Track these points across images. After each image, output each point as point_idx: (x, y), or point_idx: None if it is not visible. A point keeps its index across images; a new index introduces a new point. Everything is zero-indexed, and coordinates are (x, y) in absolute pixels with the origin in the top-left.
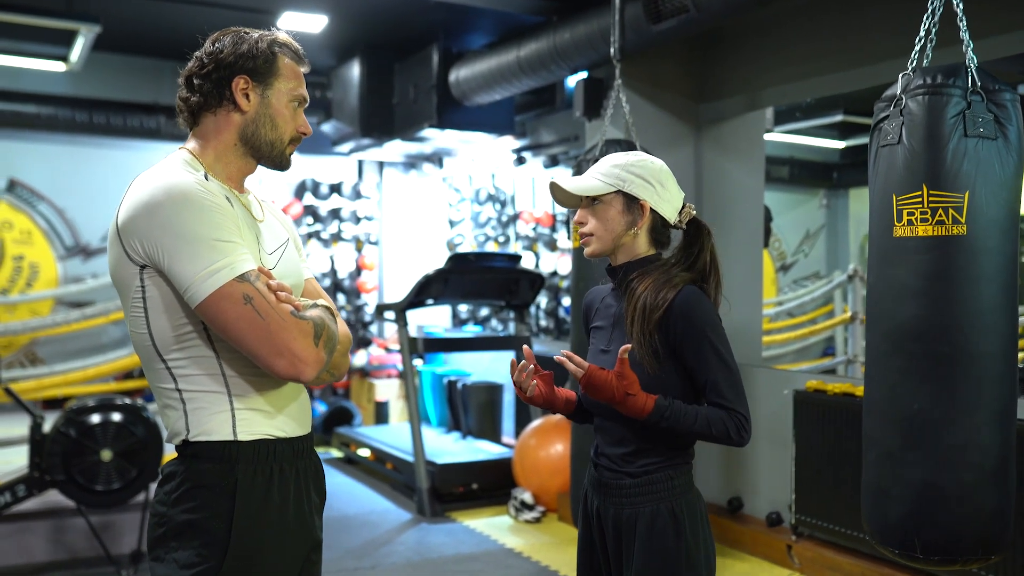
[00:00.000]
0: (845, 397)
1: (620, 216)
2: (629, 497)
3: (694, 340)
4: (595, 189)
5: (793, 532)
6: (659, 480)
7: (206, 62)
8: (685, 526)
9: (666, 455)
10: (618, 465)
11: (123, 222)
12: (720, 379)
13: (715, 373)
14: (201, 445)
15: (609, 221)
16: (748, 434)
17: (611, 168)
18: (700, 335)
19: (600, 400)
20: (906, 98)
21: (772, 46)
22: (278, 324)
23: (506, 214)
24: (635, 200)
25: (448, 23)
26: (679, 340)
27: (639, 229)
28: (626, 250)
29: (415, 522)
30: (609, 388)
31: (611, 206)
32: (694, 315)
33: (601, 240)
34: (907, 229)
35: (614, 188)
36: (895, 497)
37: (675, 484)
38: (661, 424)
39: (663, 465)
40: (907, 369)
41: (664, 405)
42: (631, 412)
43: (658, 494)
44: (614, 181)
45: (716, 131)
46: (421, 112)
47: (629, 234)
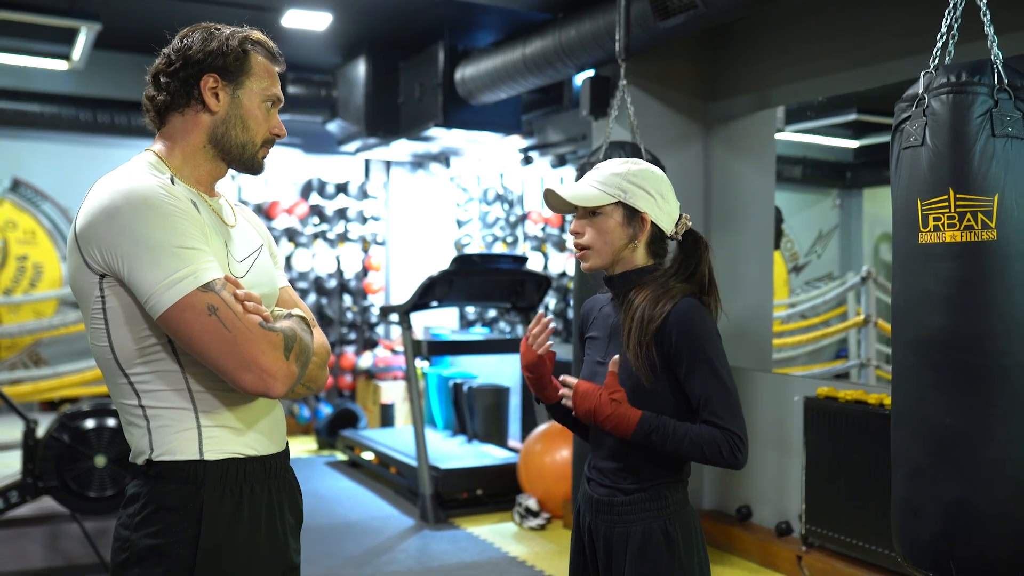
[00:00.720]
0: (857, 404)
1: (620, 228)
2: (621, 515)
3: (689, 354)
4: (594, 199)
5: (803, 542)
6: (652, 498)
7: (174, 59)
8: (679, 546)
9: (660, 471)
10: (611, 481)
11: (81, 228)
12: (715, 396)
13: (710, 389)
14: (165, 465)
15: (608, 234)
16: (744, 456)
17: (611, 176)
18: (696, 349)
19: (584, 411)
20: (929, 97)
21: (783, 43)
22: (245, 336)
23: (515, 214)
24: (636, 212)
25: (454, 21)
26: (674, 353)
27: (639, 242)
28: (624, 262)
29: (418, 529)
30: (593, 397)
31: (611, 217)
32: (691, 328)
33: (600, 254)
34: (933, 235)
35: (615, 199)
36: (927, 516)
37: (669, 502)
38: (649, 441)
39: (657, 482)
40: (936, 382)
41: (651, 421)
42: (616, 426)
43: (651, 512)
44: (614, 191)
45: (726, 130)
46: (427, 111)
47: (629, 247)
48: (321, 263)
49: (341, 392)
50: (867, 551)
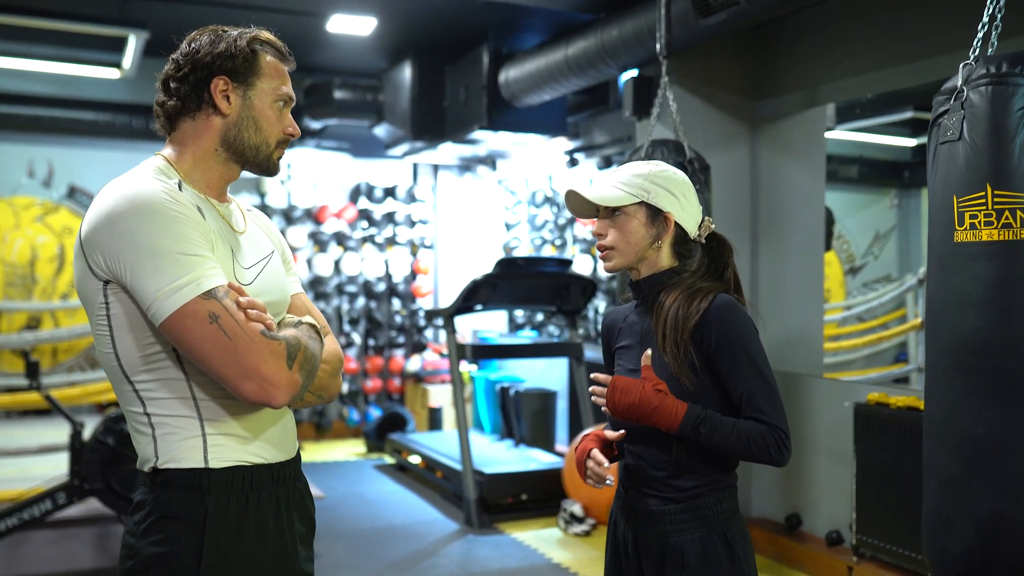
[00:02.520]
0: (908, 411)
1: (644, 228)
2: (675, 524)
3: (729, 350)
4: (617, 199)
5: (854, 553)
6: (707, 504)
7: (182, 64)
8: (739, 552)
9: (711, 477)
10: (659, 490)
11: (85, 234)
12: (757, 392)
13: (752, 385)
14: (171, 473)
15: (632, 233)
16: (788, 452)
17: (633, 177)
18: (736, 344)
19: (627, 406)
20: (968, 90)
21: (831, 40)
22: (246, 345)
23: (563, 217)
24: (659, 212)
25: (498, 23)
26: (714, 350)
27: (662, 242)
28: (649, 264)
29: (462, 533)
30: (636, 388)
31: (633, 217)
32: (729, 323)
33: (623, 254)
34: (969, 234)
35: (637, 199)
36: (958, 528)
37: (724, 508)
38: (697, 434)
39: (710, 488)
40: (969, 387)
41: (698, 412)
42: (663, 418)
43: (707, 519)
44: (637, 191)
45: (773, 129)
46: (471, 114)
47: (653, 247)
48: (370, 267)
49: (390, 395)
50: (920, 563)
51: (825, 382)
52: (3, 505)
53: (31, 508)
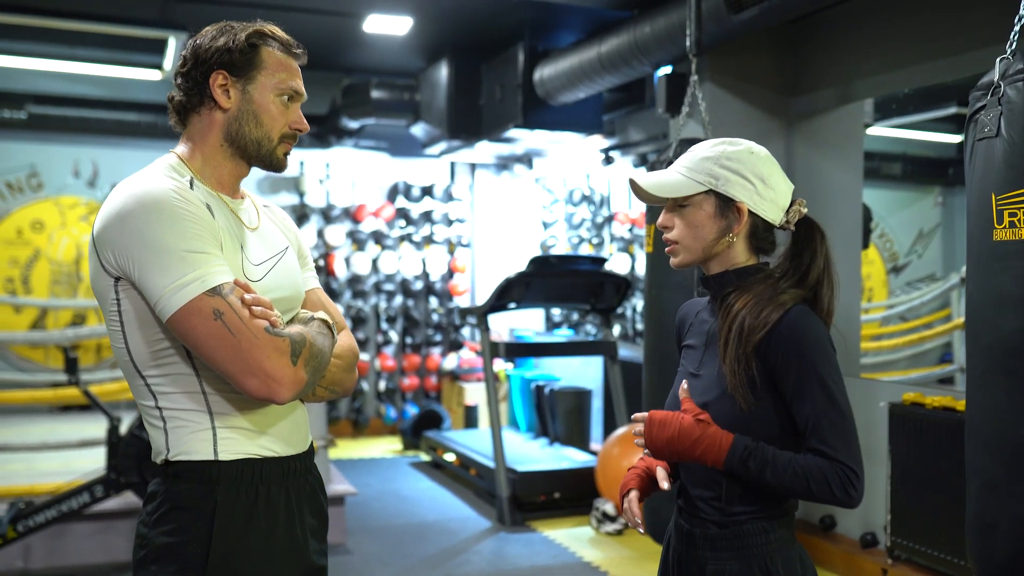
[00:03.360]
0: (945, 412)
1: (712, 221)
2: (715, 551)
3: (799, 371)
4: (681, 188)
5: (889, 555)
6: (751, 532)
7: (187, 58)
8: None
9: (762, 502)
10: (703, 512)
11: (97, 232)
12: (825, 421)
13: (819, 413)
14: (181, 465)
15: (699, 227)
16: (859, 493)
17: (700, 161)
18: (807, 365)
19: (664, 441)
20: (1005, 85)
21: (867, 34)
22: (250, 341)
23: (601, 215)
24: (731, 201)
25: (534, 21)
26: (780, 369)
27: (735, 236)
28: (721, 259)
29: (494, 531)
30: (676, 420)
31: (701, 208)
32: (802, 341)
33: (689, 250)
34: (1009, 232)
35: (704, 187)
36: (1003, 532)
37: (771, 538)
38: (746, 469)
39: (757, 515)
40: (1011, 389)
41: (746, 444)
42: (706, 450)
43: (749, 549)
44: (704, 178)
45: (809, 126)
46: (507, 112)
47: (723, 241)
48: (407, 265)
49: (427, 393)
50: (955, 566)
51: (861, 382)
52: (43, 497)
53: (69, 501)
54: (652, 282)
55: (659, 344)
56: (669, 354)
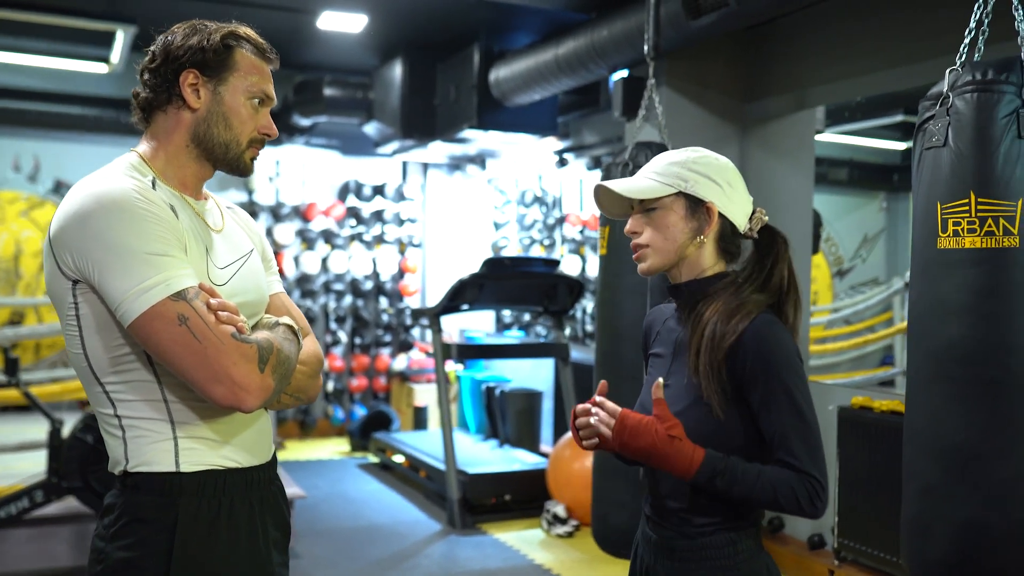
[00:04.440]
0: (893, 416)
1: (683, 222)
2: (682, 562)
3: (765, 381)
4: (651, 191)
5: (835, 557)
6: (718, 544)
7: (157, 55)
8: None
9: (728, 513)
10: (670, 522)
11: (54, 233)
12: (792, 433)
13: (786, 424)
14: (141, 476)
15: (669, 229)
16: (823, 504)
17: (668, 166)
18: (773, 376)
19: (637, 450)
20: (953, 96)
21: (822, 42)
22: (216, 347)
23: (552, 217)
24: (700, 203)
25: (490, 22)
26: (747, 379)
27: (705, 238)
28: (690, 265)
29: (444, 534)
30: (649, 433)
31: (671, 211)
32: (768, 350)
33: (661, 252)
34: (952, 240)
35: (674, 189)
36: (937, 535)
37: (739, 549)
38: (712, 486)
39: (724, 526)
40: (952, 395)
41: (716, 462)
42: (675, 465)
43: (716, 561)
44: (673, 181)
45: (763, 131)
46: (461, 113)
47: (694, 244)
48: (357, 265)
49: (375, 394)
50: (900, 567)
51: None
52: None
53: (8, 506)
54: (605, 284)
55: (610, 347)
56: (620, 357)
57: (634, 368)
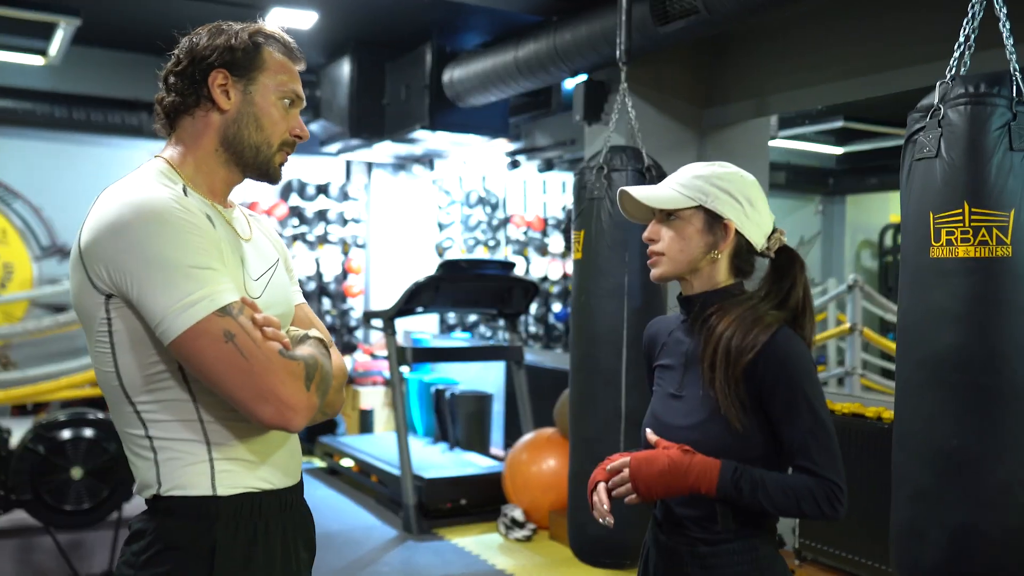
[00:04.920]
0: (853, 418)
1: (699, 235)
2: (705, 568)
3: (787, 392)
4: (673, 202)
5: (796, 556)
6: (740, 550)
7: (182, 58)
8: None
9: (747, 519)
10: (691, 530)
11: (86, 244)
12: (812, 441)
13: (807, 433)
14: (175, 500)
15: (686, 240)
16: (843, 507)
17: (692, 179)
18: (795, 387)
19: (656, 476)
20: (945, 108)
21: (781, 51)
22: (263, 366)
23: (497, 218)
24: (718, 219)
25: (442, 22)
26: (769, 391)
27: (720, 253)
28: (703, 277)
29: (401, 539)
30: (661, 456)
31: (689, 223)
32: (790, 363)
33: (674, 262)
34: (945, 250)
35: (695, 202)
36: (931, 540)
37: (760, 555)
38: (738, 491)
39: (743, 533)
40: (945, 401)
41: (734, 465)
42: (700, 478)
43: (739, 567)
44: (695, 194)
45: (720, 137)
46: (413, 113)
47: (708, 258)
48: (300, 265)
49: None
50: (861, 565)
51: None
52: None
53: None
54: (581, 288)
55: (587, 351)
56: (597, 361)
57: (610, 372)
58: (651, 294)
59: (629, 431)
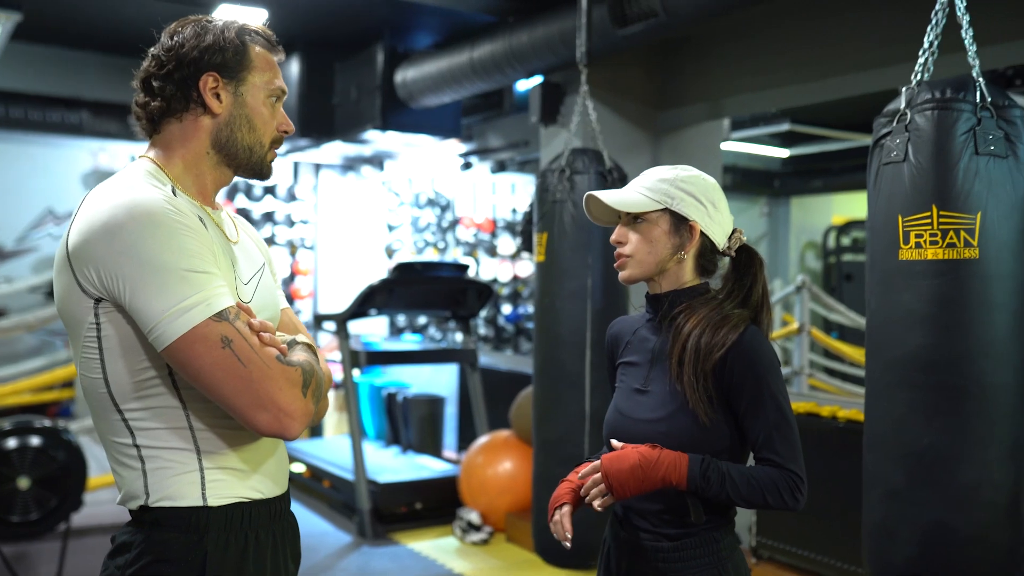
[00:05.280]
0: (808, 417)
1: (666, 237)
2: (669, 562)
3: (754, 388)
4: (640, 205)
5: (753, 555)
6: (704, 542)
7: (165, 60)
8: None
9: (711, 512)
10: (653, 524)
11: (75, 246)
12: (776, 434)
13: (772, 427)
14: (164, 511)
15: (654, 242)
16: (803, 497)
17: (657, 183)
18: (761, 383)
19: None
20: (912, 113)
21: (735, 55)
22: (262, 372)
23: (446, 219)
24: (684, 220)
25: (393, 21)
26: (737, 387)
27: (686, 254)
28: (670, 277)
29: (356, 545)
30: (629, 452)
31: (656, 225)
32: (757, 360)
33: (642, 264)
34: (915, 252)
35: (661, 205)
36: (903, 538)
37: (722, 546)
38: (707, 481)
39: (707, 525)
40: (914, 402)
41: (702, 458)
42: (670, 470)
43: (704, 559)
44: (661, 197)
45: (675, 139)
46: (364, 113)
47: (675, 258)
48: None
49: None
50: (817, 563)
51: None
52: None
53: None
54: (544, 291)
55: (551, 353)
56: (561, 363)
57: (574, 375)
58: (614, 296)
59: (593, 433)
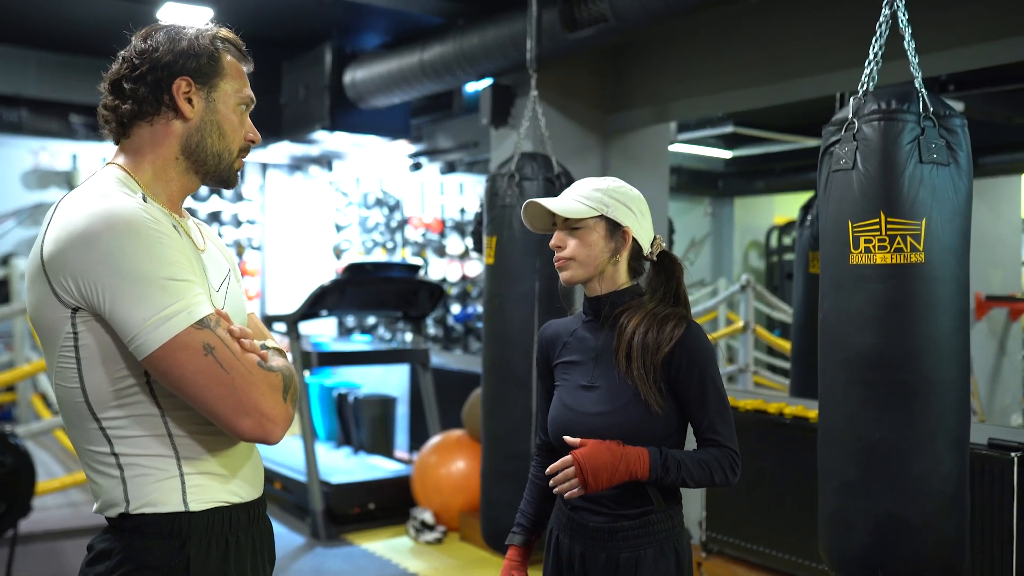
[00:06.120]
0: (756, 414)
1: (603, 241)
2: (628, 540)
3: (700, 378)
4: (579, 212)
5: (703, 549)
6: (659, 520)
7: (138, 63)
8: (685, 566)
9: (663, 492)
10: (610, 508)
11: (51, 255)
12: (717, 417)
13: (715, 412)
14: (145, 518)
15: (592, 246)
16: (740, 471)
17: (593, 192)
18: (704, 373)
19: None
20: (859, 122)
21: (682, 59)
22: (244, 378)
23: (395, 219)
24: (618, 226)
25: (341, 21)
26: (684, 378)
27: (620, 257)
28: (607, 279)
29: (310, 547)
30: (600, 448)
31: (593, 230)
32: (700, 352)
33: (584, 266)
34: (864, 257)
35: (597, 212)
36: (858, 529)
37: (674, 523)
38: (666, 470)
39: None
40: (866, 398)
41: (660, 450)
42: (634, 463)
43: (660, 535)
44: (598, 205)
45: (623, 142)
46: (312, 114)
47: (611, 261)
48: None
49: None
50: (766, 556)
51: None
52: None
53: None
54: (493, 293)
55: (500, 354)
56: (510, 364)
57: (522, 374)
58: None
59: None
